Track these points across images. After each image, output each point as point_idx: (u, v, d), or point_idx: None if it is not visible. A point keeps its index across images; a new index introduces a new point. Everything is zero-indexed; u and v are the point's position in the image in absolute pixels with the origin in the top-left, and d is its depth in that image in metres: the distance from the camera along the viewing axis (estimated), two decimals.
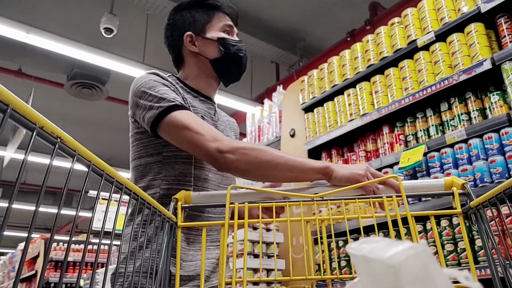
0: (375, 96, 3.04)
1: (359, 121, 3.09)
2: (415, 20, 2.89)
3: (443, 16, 2.72)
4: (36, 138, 0.43)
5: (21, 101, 0.40)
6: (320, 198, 0.94)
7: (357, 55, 3.24)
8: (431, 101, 2.77)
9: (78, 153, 0.50)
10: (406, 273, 0.31)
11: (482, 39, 2.50)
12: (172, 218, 0.87)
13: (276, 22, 6.26)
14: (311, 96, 3.59)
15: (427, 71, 2.74)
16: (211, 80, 1.48)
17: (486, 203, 0.78)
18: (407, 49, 2.89)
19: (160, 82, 1.30)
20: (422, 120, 2.81)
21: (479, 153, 2.37)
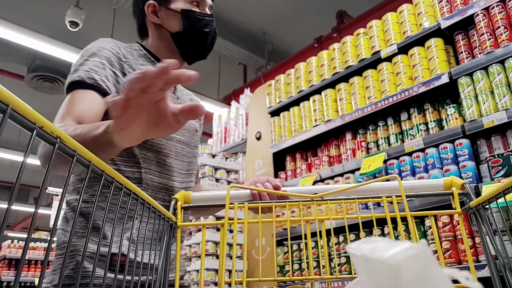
0: (339, 103, 3.14)
1: (323, 127, 3.18)
2: (380, 31, 3.01)
3: (406, 29, 2.85)
4: (36, 138, 0.43)
5: (20, 101, 0.39)
6: (320, 198, 0.93)
7: (323, 63, 3.33)
8: (392, 110, 2.89)
9: (78, 153, 0.49)
10: (406, 273, 0.31)
11: (441, 54, 2.64)
12: (172, 218, 0.86)
13: (245, 24, 6.31)
14: (277, 100, 3.65)
15: (389, 81, 2.85)
16: (173, 56, 1.32)
17: (486, 203, 0.78)
18: (371, 59, 2.99)
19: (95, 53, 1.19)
20: (383, 128, 2.92)
21: (435, 162, 2.50)
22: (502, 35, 2.37)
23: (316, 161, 3.25)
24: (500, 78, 2.33)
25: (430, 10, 2.77)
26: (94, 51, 1.20)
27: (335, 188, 0.94)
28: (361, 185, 0.93)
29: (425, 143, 2.57)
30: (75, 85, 1.13)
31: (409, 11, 2.88)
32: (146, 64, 1.29)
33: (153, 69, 0.61)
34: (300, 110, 3.42)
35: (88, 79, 1.13)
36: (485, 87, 2.37)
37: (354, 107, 3.02)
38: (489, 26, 2.45)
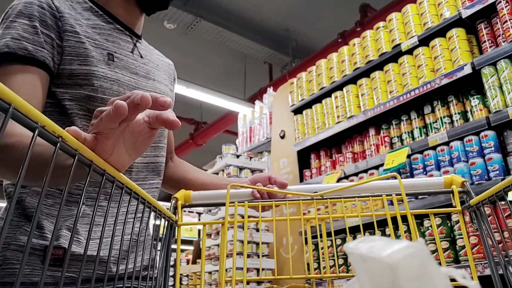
0: (361, 98, 3.11)
1: (346, 123, 3.15)
2: (400, 24, 2.96)
3: (426, 21, 2.79)
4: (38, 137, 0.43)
5: (23, 100, 0.39)
6: (320, 197, 0.92)
7: (344, 58, 3.31)
8: (415, 104, 2.84)
9: (79, 153, 0.49)
10: (404, 271, 0.31)
11: (463, 44, 2.57)
12: (172, 217, 0.85)
13: (266, 22, 6.31)
14: (300, 98, 3.65)
15: (411, 74, 2.80)
16: (129, 5, 1.15)
17: (486, 201, 0.78)
18: (392, 53, 2.95)
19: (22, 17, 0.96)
20: (406, 122, 2.88)
21: (460, 155, 2.44)
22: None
23: (340, 158, 3.24)
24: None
25: (451, 0, 2.70)
26: (21, 9, 0.96)
27: (335, 187, 0.93)
28: (361, 184, 0.93)
29: (449, 136, 2.51)
30: (4, 58, 0.91)
31: (429, 1, 2.82)
32: (93, 18, 1.08)
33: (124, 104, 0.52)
34: (323, 107, 3.41)
35: (20, 49, 0.92)
36: (509, 77, 2.30)
37: (376, 102, 2.98)
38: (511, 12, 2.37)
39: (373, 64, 3.07)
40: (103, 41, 1.05)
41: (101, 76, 1.01)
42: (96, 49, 1.02)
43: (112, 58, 1.05)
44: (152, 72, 1.17)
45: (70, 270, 0.91)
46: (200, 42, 6.41)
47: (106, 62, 1.03)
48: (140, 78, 1.12)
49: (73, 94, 0.98)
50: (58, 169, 0.50)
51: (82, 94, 0.98)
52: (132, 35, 1.15)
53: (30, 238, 0.39)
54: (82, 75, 0.98)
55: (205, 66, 7.13)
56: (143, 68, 1.14)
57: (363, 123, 3.09)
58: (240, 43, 6.33)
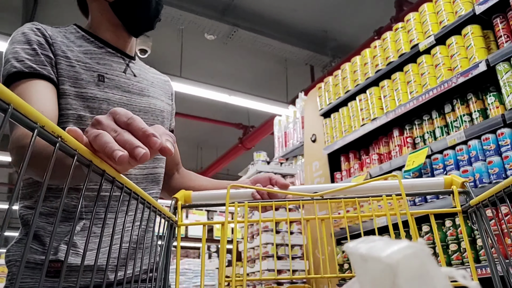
0: (383, 100, 3.13)
1: (370, 125, 3.19)
2: (417, 24, 2.95)
3: (442, 19, 2.77)
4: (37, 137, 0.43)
5: (22, 101, 0.39)
6: (320, 197, 0.92)
7: (366, 61, 3.34)
8: (436, 103, 2.83)
9: (79, 153, 0.49)
10: (404, 271, 0.31)
11: (478, 41, 2.53)
12: (172, 217, 0.86)
13: (305, 25, 6.38)
14: (327, 101, 3.72)
15: (429, 74, 2.80)
16: (117, 30, 1.23)
17: (486, 202, 0.77)
18: (411, 53, 2.95)
19: (22, 43, 1.08)
20: (428, 122, 2.87)
21: (478, 154, 2.42)
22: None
23: (367, 159, 3.28)
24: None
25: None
26: (19, 38, 1.09)
27: (336, 187, 0.93)
28: (361, 184, 0.92)
29: (467, 136, 2.49)
30: (14, 77, 1.03)
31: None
32: (85, 45, 1.17)
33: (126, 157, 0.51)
34: (349, 110, 3.46)
35: (26, 68, 1.04)
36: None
37: (398, 103, 3.00)
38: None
39: (393, 65, 3.08)
40: (94, 64, 1.14)
41: (89, 97, 1.09)
42: (86, 71, 1.11)
43: (102, 79, 1.13)
44: (146, 89, 1.25)
45: (69, 280, 1.01)
46: (240, 50, 6.62)
47: (96, 83, 1.11)
48: (133, 96, 1.20)
49: (67, 114, 1.06)
50: (64, 168, 0.51)
51: (74, 115, 1.07)
52: (124, 56, 1.24)
53: (25, 251, 0.40)
54: (73, 95, 1.07)
55: (247, 72, 7.33)
56: (137, 86, 1.22)
57: (386, 125, 3.12)
58: (279, 48, 6.45)
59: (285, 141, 4.39)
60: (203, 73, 7.03)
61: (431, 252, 0.32)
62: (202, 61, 6.92)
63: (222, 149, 9.51)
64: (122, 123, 0.54)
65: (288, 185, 1.05)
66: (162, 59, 6.54)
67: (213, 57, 6.80)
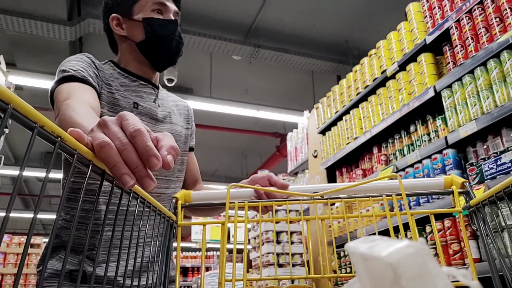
0: (363, 120, 3.43)
1: (353, 144, 3.50)
2: (386, 51, 3.23)
3: (404, 47, 3.03)
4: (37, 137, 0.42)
5: (21, 100, 0.39)
6: (320, 197, 0.92)
7: (350, 84, 3.65)
8: (404, 123, 3.09)
9: (78, 152, 0.49)
10: (405, 270, 0.30)
11: (429, 68, 2.78)
12: (172, 217, 0.86)
13: (328, 38, 6.67)
14: (323, 120, 4.06)
15: (395, 98, 3.07)
16: (144, 66, 1.39)
17: (486, 202, 0.78)
18: (381, 78, 3.23)
19: (76, 60, 1.23)
20: (399, 141, 3.13)
21: (429, 172, 2.67)
22: (470, 45, 2.46)
23: (353, 175, 3.58)
24: (471, 88, 2.42)
25: (421, 26, 2.91)
26: (72, 58, 1.24)
27: (336, 187, 0.93)
28: (361, 184, 0.92)
29: (421, 155, 2.75)
30: (67, 79, 1.15)
31: (406, 28, 3.05)
32: (120, 78, 1.33)
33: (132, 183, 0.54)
34: (338, 129, 3.78)
35: (79, 74, 1.17)
36: (461, 98, 2.48)
37: (373, 124, 3.29)
38: (460, 38, 2.54)
39: (369, 89, 3.37)
40: (129, 94, 1.30)
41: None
42: (123, 99, 1.27)
43: (136, 106, 1.29)
44: (168, 117, 1.40)
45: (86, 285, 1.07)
46: (266, 67, 7.04)
47: (130, 110, 1.26)
48: (157, 123, 1.35)
49: None
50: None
51: None
52: (154, 87, 1.40)
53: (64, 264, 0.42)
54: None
55: (275, 86, 7.74)
56: (161, 114, 1.36)
57: (368, 142, 3.40)
58: (304, 62, 6.79)
59: (296, 156, 4.76)
60: (233, 91, 7.56)
61: (431, 252, 0.32)
62: (231, 80, 7.44)
63: (265, 156, 9.98)
64: (128, 132, 0.54)
65: (287, 185, 1.05)
66: (193, 82, 7.15)
67: (242, 75, 7.29)
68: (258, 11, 6.11)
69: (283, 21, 6.30)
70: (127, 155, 0.53)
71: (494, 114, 2.23)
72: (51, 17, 5.31)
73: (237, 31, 6.42)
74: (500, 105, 2.22)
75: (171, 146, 0.57)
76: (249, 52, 6.51)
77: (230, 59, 6.75)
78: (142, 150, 0.53)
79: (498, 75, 2.25)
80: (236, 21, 6.28)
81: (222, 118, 7.82)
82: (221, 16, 6.13)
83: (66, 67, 1.19)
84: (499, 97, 2.23)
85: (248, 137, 9.29)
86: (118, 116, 0.56)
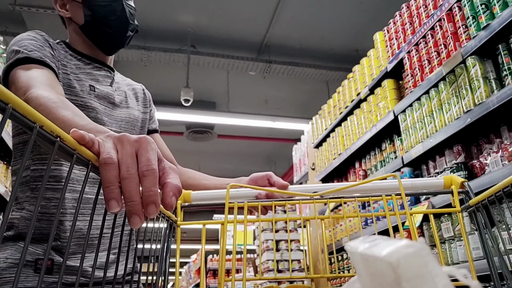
0: (345, 138, 3.74)
1: (338, 160, 3.82)
2: (360, 75, 3.53)
3: (372, 72, 3.33)
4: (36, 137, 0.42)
5: (21, 101, 0.39)
6: (319, 197, 0.92)
7: (335, 103, 3.96)
8: (377, 141, 3.38)
9: (77, 153, 0.49)
10: (405, 270, 0.31)
11: (391, 93, 3.07)
12: (172, 217, 0.86)
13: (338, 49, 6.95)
14: (316, 136, 4.39)
15: (367, 118, 3.37)
16: (93, 48, 1.30)
17: (485, 202, 0.78)
18: (357, 99, 3.54)
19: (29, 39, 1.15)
20: (373, 157, 3.43)
21: None
22: (417, 75, 2.74)
23: None
24: (419, 113, 2.71)
25: (384, 54, 3.21)
26: (26, 37, 1.16)
27: (335, 187, 0.93)
28: (361, 184, 0.92)
29: (386, 172, 3.05)
30: (22, 61, 1.07)
31: (374, 55, 3.35)
32: (74, 61, 1.25)
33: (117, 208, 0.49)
34: (327, 145, 4.11)
35: (34, 55, 1.09)
36: (412, 122, 2.77)
37: (352, 141, 3.60)
38: (411, 68, 2.82)
39: (348, 109, 3.68)
40: (84, 76, 1.22)
41: (79, 104, 1.15)
42: (78, 82, 1.19)
43: (93, 89, 1.21)
44: (125, 101, 1.33)
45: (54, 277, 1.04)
46: (279, 80, 7.42)
47: (88, 93, 1.19)
48: (115, 107, 1.28)
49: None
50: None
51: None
52: (109, 69, 1.33)
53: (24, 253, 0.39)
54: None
55: (293, 96, 8.08)
56: (118, 98, 1.29)
57: (350, 158, 3.72)
58: (315, 73, 7.10)
59: (300, 167, 5.11)
60: (252, 103, 7.98)
61: (432, 251, 0.32)
62: (249, 92, 7.87)
63: (292, 161, 10.35)
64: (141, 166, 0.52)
65: (287, 185, 1.04)
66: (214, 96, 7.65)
67: (259, 88, 7.70)
68: (267, 29, 6.50)
69: (292, 37, 6.64)
70: (129, 185, 0.50)
71: (437, 137, 2.51)
72: None
73: (250, 49, 6.83)
74: (440, 129, 2.50)
75: (176, 187, 0.54)
76: (262, 67, 6.91)
77: (247, 73, 7.18)
78: (146, 193, 0.51)
79: (437, 103, 2.53)
80: (248, 40, 6.70)
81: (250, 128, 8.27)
82: (234, 37, 6.57)
83: (19, 46, 1.11)
84: (438, 123, 2.51)
85: (274, 144, 9.70)
86: (139, 140, 0.54)
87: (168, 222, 0.84)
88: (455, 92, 2.36)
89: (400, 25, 2.99)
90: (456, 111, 2.35)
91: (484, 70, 2.22)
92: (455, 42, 2.40)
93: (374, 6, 6.07)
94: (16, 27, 5.86)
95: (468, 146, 2.51)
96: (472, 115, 2.20)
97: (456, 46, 2.40)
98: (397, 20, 3.04)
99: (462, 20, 2.36)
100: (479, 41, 2.19)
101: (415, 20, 2.81)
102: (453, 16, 2.43)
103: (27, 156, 0.41)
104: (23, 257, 0.39)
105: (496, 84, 2.18)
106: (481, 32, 2.18)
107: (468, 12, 2.28)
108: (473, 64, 2.24)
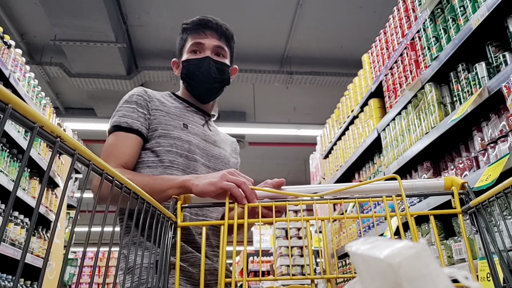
0: (344, 151, 4.00)
1: (340, 171, 4.08)
2: (354, 93, 3.78)
3: (362, 91, 3.58)
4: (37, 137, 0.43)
5: (20, 101, 0.39)
6: (320, 198, 0.93)
7: (337, 118, 4.23)
8: (370, 154, 3.62)
9: (78, 153, 0.49)
10: (406, 271, 0.31)
11: (376, 112, 3.31)
12: (172, 217, 0.87)
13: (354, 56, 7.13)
14: (324, 147, 4.67)
15: (360, 134, 3.62)
16: (193, 99, 1.56)
17: (486, 203, 0.78)
18: (352, 115, 3.79)
19: (127, 105, 1.39)
20: (368, 169, 3.67)
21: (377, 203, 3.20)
22: (391, 97, 2.98)
23: None
24: (394, 133, 2.94)
25: (370, 75, 3.45)
26: (126, 98, 1.42)
27: (335, 188, 0.94)
28: (361, 185, 0.92)
29: None
30: (114, 128, 1.35)
31: (363, 75, 3.60)
32: (175, 104, 1.51)
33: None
34: (332, 157, 4.38)
35: (123, 123, 1.34)
36: (390, 140, 3.01)
37: (350, 154, 3.85)
38: (388, 90, 3.06)
39: (346, 124, 3.94)
40: (181, 115, 1.47)
41: (175, 136, 1.39)
42: (174, 120, 1.43)
43: (186, 126, 1.44)
44: (218, 142, 1.55)
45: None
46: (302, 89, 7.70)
47: (181, 129, 1.42)
48: (208, 144, 1.50)
49: (157, 151, 1.36)
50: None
51: (162, 150, 1.36)
52: (204, 114, 1.57)
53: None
54: (162, 136, 1.37)
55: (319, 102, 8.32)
56: (211, 138, 1.52)
57: (350, 168, 3.97)
58: (337, 81, 7.32)
59: (316, 175, 5.38)
60: (280, 111, 8.32)
61: (432, 253, 0.32)
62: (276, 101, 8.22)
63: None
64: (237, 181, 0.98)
65: (282, 181, 1.12)
66: (244, 107, 8.07)
67: (285, 98, 8.03)
68: (286, 42, 6.82)
69: (311, 47, 6.91)
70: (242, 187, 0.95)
71: (406, 155, 2.75)
72: (113, 74, 6.57)
73: (272, 62, 7.18)
74: (408, 149, 2.73)
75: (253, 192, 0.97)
76: (284, 79, 7.23)
77: (269, 85, 7.53)
78: (247, 192, 0.95)
79: (406, 124, 2.77)
80: (270, 53, 7.05)
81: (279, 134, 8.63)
82: (257, 52, 6.94)
83: (116, 115, 1.38)
84: (408, 142, 2.75)
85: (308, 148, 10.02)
86: (228, 172, 1.00)
87: (168, 223, 0.86)
88: (418, 115, 2.60)
89: (379, 49, 3.23)
90: (419, 132, 2.58)
91: (440, 95, 2.45)
92: (417, 69, 2.64)
93: (386, 15, 6.21)
94: (60, 58, 6.58)
95: (437, 162, 2.73)
96: (429, 138, 2.43)
97: (418, 73, 2.63)
98: (377, 44, 3.28)
99: (421, 49, 2.59)
100: (433, 70, 2.42)
101: (390, 46, 3.05)
102: (415, 45, 2.66)
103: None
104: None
105: (451, 108, 2.40)
106: (434, 62, 2.41)
107: (424, 43, 2.51)
108: (429, 90, 2.47)
